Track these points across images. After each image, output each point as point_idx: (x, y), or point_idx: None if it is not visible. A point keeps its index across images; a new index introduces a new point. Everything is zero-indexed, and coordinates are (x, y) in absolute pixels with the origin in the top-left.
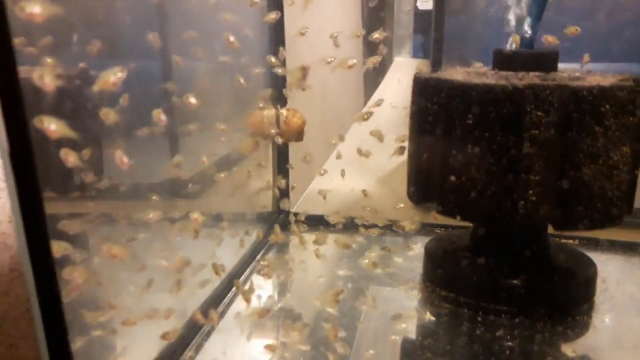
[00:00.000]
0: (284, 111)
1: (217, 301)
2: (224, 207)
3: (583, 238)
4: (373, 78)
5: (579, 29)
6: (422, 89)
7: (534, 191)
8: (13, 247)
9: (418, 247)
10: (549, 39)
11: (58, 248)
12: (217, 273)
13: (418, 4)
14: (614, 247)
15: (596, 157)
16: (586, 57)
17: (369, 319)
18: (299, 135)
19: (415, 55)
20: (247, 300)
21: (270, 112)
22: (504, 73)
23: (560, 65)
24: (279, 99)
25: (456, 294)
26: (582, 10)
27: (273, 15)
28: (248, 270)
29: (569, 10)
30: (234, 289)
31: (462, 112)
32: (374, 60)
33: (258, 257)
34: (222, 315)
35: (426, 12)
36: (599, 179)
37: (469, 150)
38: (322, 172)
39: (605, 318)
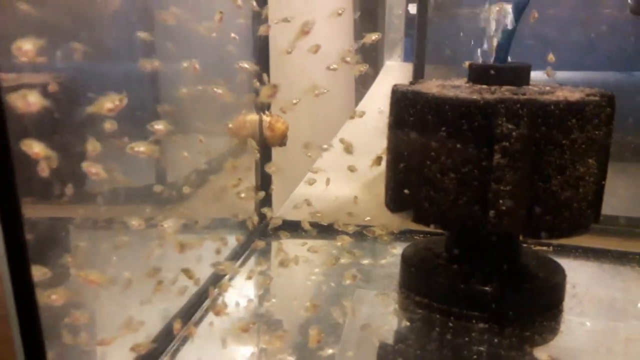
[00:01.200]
0: (266, 117)
1: (193, 309)
2: (204, 213)
3: (557, 245)
4: (364, 81)
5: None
6: (399, 100)
7: (505, 201)
8: None
9: (398, 253)
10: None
11: (37, 272)
12: (191, 278)
13: (409, 8)
14: (586, 253)
15: (563, 168)
16: (549, 71)
17: (346, 325)
18: (282, 140)
19: (406, 59)
20: (217, 313)
21: (252, 117)
22: (477, 86)
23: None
24: (263, 105)
25: (430, 299)
26: (562, 21)
27: (265, 29)
28: (227, 277)
29: (549, 21)
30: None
31: (436, 124)
32: (361, 68)
33: (238, 264)
34: (199, 321)
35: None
36: (566, 190)
37: (442, 161)
38: (311, 181)
39: (573, 323)
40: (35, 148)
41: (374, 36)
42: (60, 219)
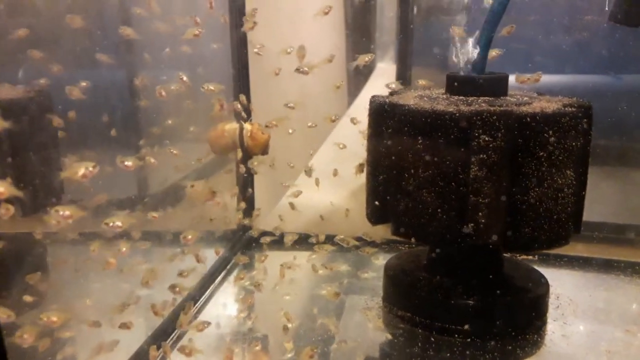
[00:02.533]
0: (248, 125)
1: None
2: (183, 225)
3: (541, 254)
4: (356, 84)
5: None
6: (377, 112)
7: (483, 213)
8: None
9: (381, 264)
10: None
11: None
12: (156, 314)
13: None
14: (570, 262)
15: (541, 180)
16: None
17: (328, 340)
18: (264, 149)
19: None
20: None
21: (231, 126)
22: (454, 98)
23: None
24: (243, 112)
25: (412, 313)
26: (549, 24)
27: (250, 25)
28: (208, 291)
29: (534, 24)
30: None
31: (413, 136)
32: (365, 58)
33: (219, 278)
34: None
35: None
36: (545, 202)
37: (420, 174)
38: (296, 193)
39: (555, 336)
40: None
41: (367, 57)
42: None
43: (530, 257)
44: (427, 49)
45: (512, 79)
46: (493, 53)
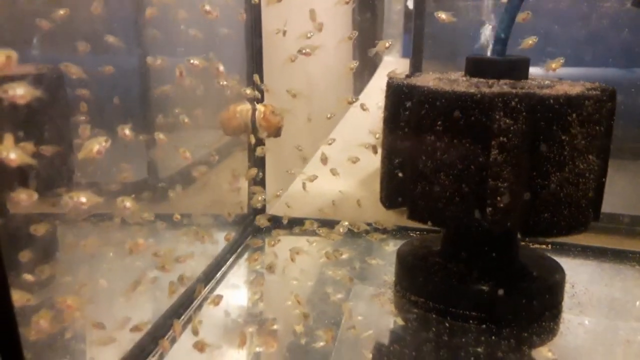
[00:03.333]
0: (261, 107)
1: (183, 307)
2: (195, 209)
3: (555, 243)
4: (362, 77)
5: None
6: (394, 94)
7: (502, 198)
8: None
9: (392, 250)
10: (529, 42)
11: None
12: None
13: (408, 3)
14: (585, 252)
15: (563, 165)
16: (554, 64)
17: (341, 325)
18: (277, 131)
19: (404, 54)
20: (195, 333)
21: (243, 107)
22: (474, 80)
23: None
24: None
25: (426, 299)
26: (562, 16)
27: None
28: (219, 274)
29: (548, 15)
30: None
31: (431, 118)
32: (384, 44)
33: (230, 260)
34: (187, 322)
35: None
36: (566, 187)
37: (438, 157)
38: (312, 177)
39: (572, 323)
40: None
41: (387, 43)
42: (45, 216)
43: (544, 246)
44: (434, 41)
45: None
46: (529, 42)
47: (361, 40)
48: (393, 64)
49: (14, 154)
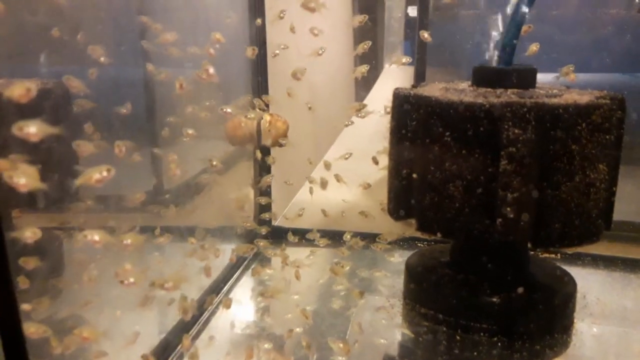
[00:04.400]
0: (267, 116)
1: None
2: (201, 222)
3: (565, 253)
4: (364, 85)
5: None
6: (401, 105)
7: (512, 208)
8: None
9: (397, 261)
10: (534, 48)
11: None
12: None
13: (409, 11)
14: (595, 261)
15: (573, 175)
16: (567, 70)
17: (348, 338)
18: (282, 140)
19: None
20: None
21: (249, 116)
22: (482, 90)
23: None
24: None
25: (435, 311)
26: (566, 22)
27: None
28: (227, 286)
29: (553, 22)
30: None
31: (440, 129)
32: (362, 70)
33: (237, 274)
34: (197, 335)
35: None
36: (576, 197)
37: (447, 167)
38: (324, 182)
39: (584, 335)
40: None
41: (363, 69)
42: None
43: (554, 255)
44: (436, 49)
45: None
46: (534, 48)
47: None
48: (394, 71)
49: (24, 179)
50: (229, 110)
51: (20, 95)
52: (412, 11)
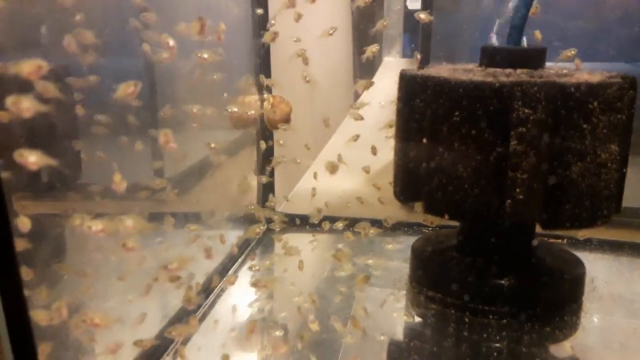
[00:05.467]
0: (269, 97)
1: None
2: (205, 207)
3: (571, 237)
4: (362, 77)
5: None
6: (408, 85)
7: (521, 189)
8: None
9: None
10: (537, 35)
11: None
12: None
13: (407, 3)
14: (602, 246)
15: (584, 155)
16: (568, 53)
17: (356, 322)
18: (285, 122)
19: (404, 55)
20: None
21: (252, 98)
22: (491, 70)
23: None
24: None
25: (443, 294)
26: (571, 10)
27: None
28: (230, 271)
29: (558, 10)
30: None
31: (448, 109)
32: (373, 49)
33: (240, 259)
34: (201, 319)
35: (416, 12)
36: (587, 178)
37: (455, 148)
38: (333, 165)
39: (593, 318)
40: (31, 157)
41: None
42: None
43: (560, 240)
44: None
45: None
46: (568, 54)
47: (361, 40)
48: (393, 64)
49: (34, 157)
50: (235, 109)
51: (30, 73)
52: (411, 3)
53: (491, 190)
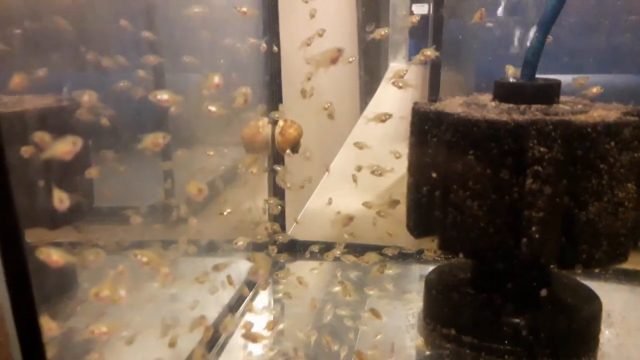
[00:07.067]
0: (280, 121)
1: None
2: (215, 235)
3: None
4: (369, 84)
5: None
6: (421, 121)
7: (537, 228)
8: None
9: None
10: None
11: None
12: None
13: (413, 8)
14: (617, 276)
15: (601, 194)
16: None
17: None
18: (294, 146)
19: (410, 60)
20: None
21: (264, 122)
22: (505, 106)
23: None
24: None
25: (457, 332)
26: (580, 24)
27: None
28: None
29: (566, 24)
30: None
31: (463, 147)
32: (382, 32)
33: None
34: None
35: (421, 17)
36: (604, 217)
37: (470, 186)
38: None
39: (611, 358)
40: (54, 256)
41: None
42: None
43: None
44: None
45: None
46: (594, 90)
47: (366, 47)
48: (399, 69)
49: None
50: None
51: (64, 153)
52: (417, 8)
53: (506, 229)
